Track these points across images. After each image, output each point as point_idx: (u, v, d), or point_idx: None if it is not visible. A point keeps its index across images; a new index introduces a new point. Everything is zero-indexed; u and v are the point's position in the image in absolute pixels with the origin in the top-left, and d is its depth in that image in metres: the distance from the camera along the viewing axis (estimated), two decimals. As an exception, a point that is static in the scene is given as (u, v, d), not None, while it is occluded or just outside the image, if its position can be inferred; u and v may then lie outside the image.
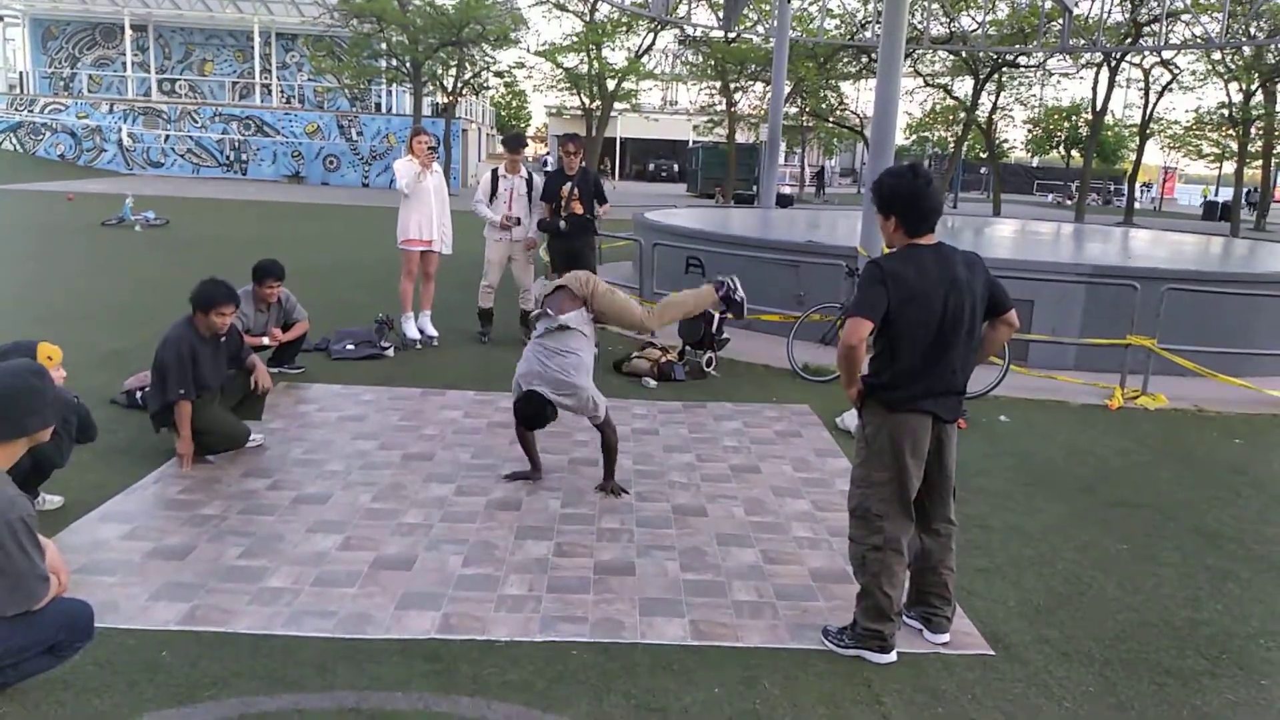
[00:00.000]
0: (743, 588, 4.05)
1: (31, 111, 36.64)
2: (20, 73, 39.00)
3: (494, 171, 8.50)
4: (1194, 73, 34.06)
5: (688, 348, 8.07)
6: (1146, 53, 31.48)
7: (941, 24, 27.70)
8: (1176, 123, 41.10)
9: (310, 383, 7.06)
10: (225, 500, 4.74)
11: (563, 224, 8.31)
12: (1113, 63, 31.98)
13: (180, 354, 5.07)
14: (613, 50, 35.65)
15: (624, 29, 34.13)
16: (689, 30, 33.26)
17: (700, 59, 37.95)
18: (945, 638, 3.64)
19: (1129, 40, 28.11)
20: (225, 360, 5.40)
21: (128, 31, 37.84)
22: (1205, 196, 49.45)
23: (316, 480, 5.08)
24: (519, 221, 8.39)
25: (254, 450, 5.49)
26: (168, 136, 36.81)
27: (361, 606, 3.72)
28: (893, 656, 3.49)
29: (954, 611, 3.70)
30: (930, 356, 3.36)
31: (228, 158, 37.05)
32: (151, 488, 4.87)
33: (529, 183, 8.44)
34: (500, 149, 8.64)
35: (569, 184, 8.33)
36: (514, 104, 64.26)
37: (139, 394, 6.15)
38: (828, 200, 42.32)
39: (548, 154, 60.64)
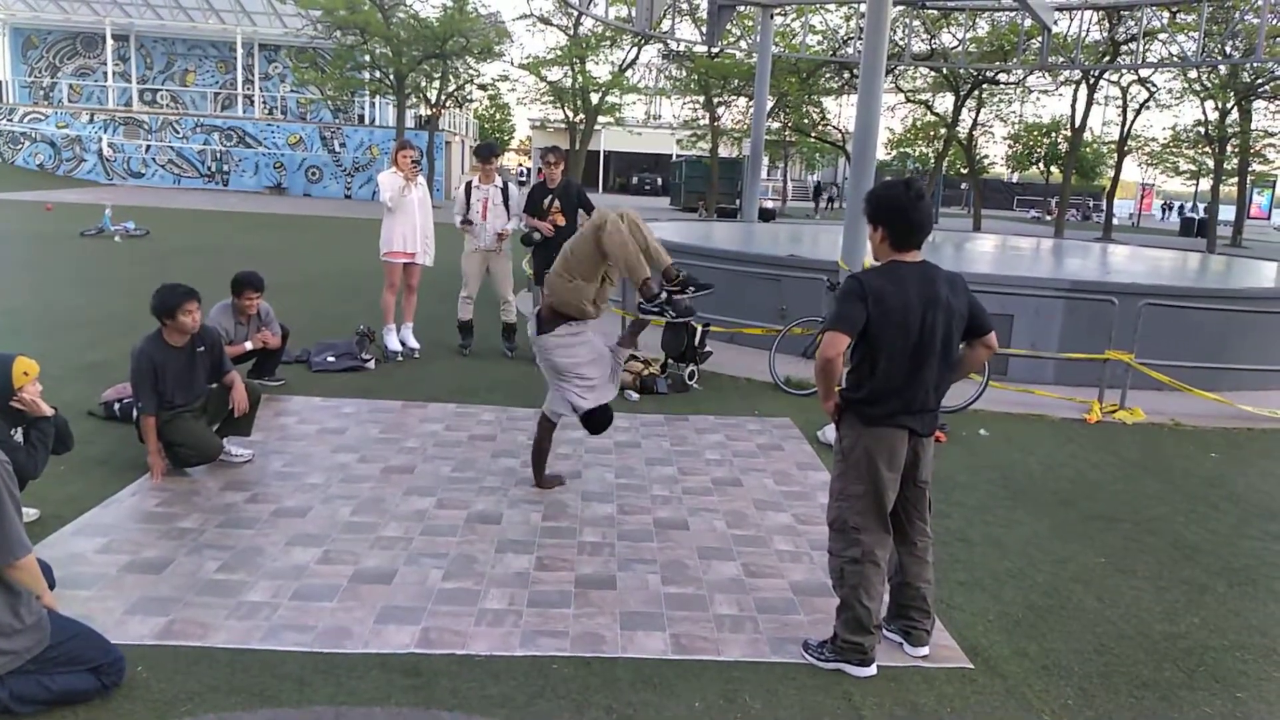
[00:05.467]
0: (724, 601, 4.05)
1: (10, 121, 36.37)
2: (0, 81, 38.73)
3: (468, 184, 8.53)
4: (1170, 91, 34.52)
5: (670, 361, 8.08)
6: (1124, 71, 31.88)
7: (922, 41, 27.97)
8: (1154, 140, 41.62)
9: (290, 395, 7.02)
10: (204, 513, 4.70)
11: (536, 235, 8.32)
12: (1091, 80, 32.37)
13: (139, 368, 5.06)
14: (596, 64, 35.78)
15: (608, 43, 34.26)
16: (672, 45, 33.43)
17: (684, 73, 38.13)
18: (925, 651, 3.65)
19: (1107, 58, 28.46)
20: (205, 372, 5.34)
21: (109, 41, 37.68)
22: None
23: (296, 493, 5.05)
24: (501, 237, 8.43)
25: (235, 463, 5.45)
26: (149, 147, 36.60)
27: (340, 620, 3.69)
28: (872, 670, 3.50)
29: (933, 625, 3.72)
30: (907, 373, 3.39)
31: (209, 168, 36.86)
32: (129, 500, 4.83)
33: (504, 192, 8.47)
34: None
35: (550, 196, 8.35)
36: (497, 117, 64.26)
37: (117, 406, 6.12)
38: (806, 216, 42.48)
39: (520, 168, 60.77)
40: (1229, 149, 33.52)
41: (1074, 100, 33.77)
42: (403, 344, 8.49)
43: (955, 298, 3.42)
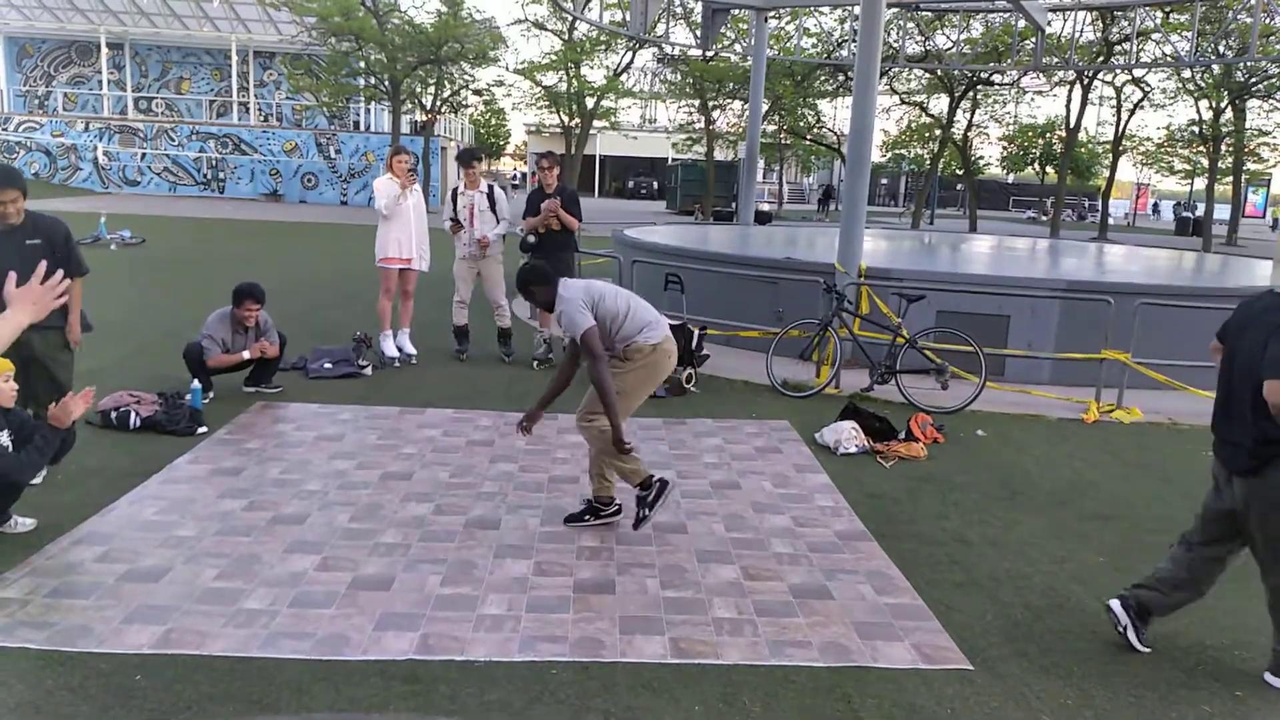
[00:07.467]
0: (723, 604, 4.05)
1: (6, 130, 36.32)
2: (-6, 91, 38.71)
3: (454, 190, 8.59)
4: (1165, 90, 34.61)
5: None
6: (1118, 71, 31.95)
7: (917, 42, 28.03)
8: (1148, 139, 41.72)
9: (287, 402, 7.02)
10: (201, 521, 4.70)
11: (531, 239, 8.37)
12: (1085, 81, 32.42)
13: None
14: (591, 68, 35.80)
15: (603, 47, 34.28)
16: (667, 49, 33.46)
17: (679, 77, 38.14)
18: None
19: (1101, 59, 28.53)
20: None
21: (104, 50, 37.63)
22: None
23: (293, 500, 5.05)
24: (485, 241, 8.46)
25: (230, 471, 5.44)
26: (144, 155, 36.57)
27: (339, 627, 3.69)
28: None
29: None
30: (1220, 398, 3.60)
31: (205, 176, 36.81)
32: (126, 509, 4.82)
33: (490, 196, 8.51)
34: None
35: (547, 201, 8.37)
36: (493, 122, 64.26)
37: (114, 414, 6.11)
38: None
39: (515, 172, 60.98)
40: (1223, 148, 33.60)
41: (1068, 100, 33.87)
42: (399, 350, 8.49)
43: (1259, 330, 3.39)
